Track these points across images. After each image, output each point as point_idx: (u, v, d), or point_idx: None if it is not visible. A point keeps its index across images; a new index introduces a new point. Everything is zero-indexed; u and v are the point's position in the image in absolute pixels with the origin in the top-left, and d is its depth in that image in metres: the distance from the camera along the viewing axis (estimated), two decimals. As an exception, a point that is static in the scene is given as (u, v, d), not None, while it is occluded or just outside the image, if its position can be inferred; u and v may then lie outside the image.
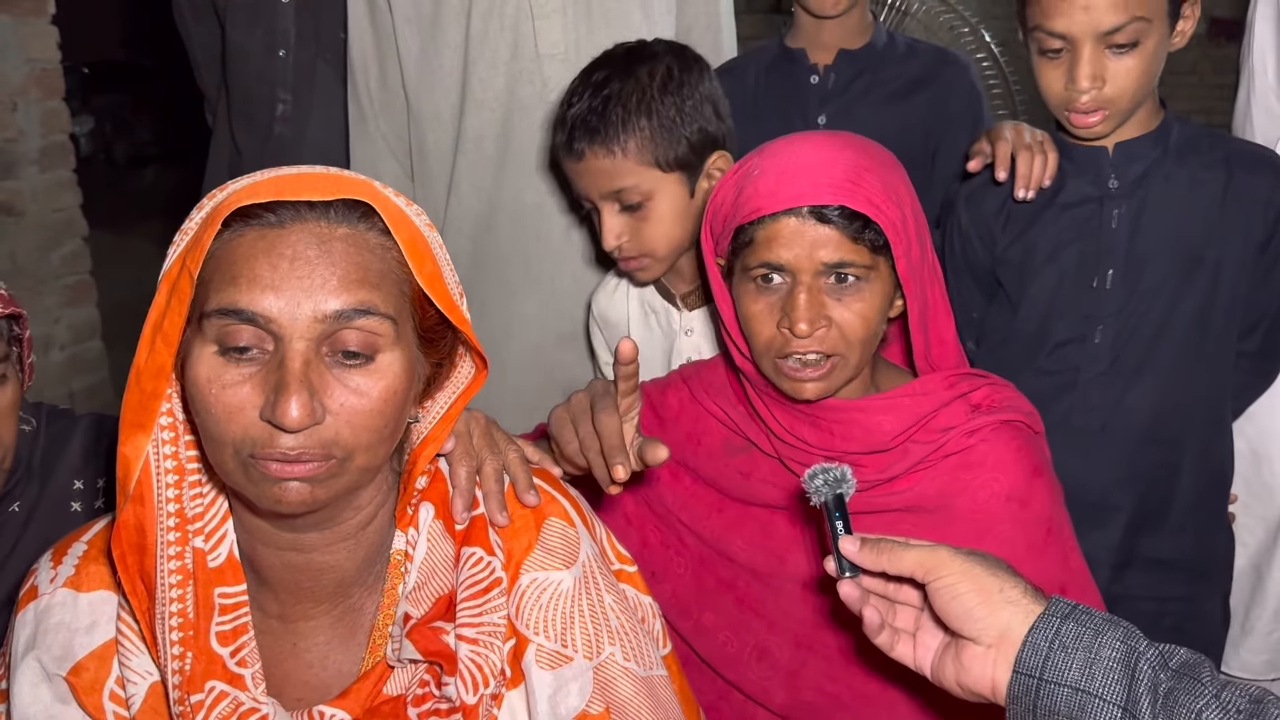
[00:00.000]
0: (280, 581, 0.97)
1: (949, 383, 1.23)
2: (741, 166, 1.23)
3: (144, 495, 0.92)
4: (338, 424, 0.86)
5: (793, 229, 1.16)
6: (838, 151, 1.18)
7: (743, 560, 1.29)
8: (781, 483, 1.26)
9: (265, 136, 2.27)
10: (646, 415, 1.38)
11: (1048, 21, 1.46)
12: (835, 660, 1.24)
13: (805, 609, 1.25)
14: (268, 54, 2.24)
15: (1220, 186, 1.53)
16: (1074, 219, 1.57)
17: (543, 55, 1.78)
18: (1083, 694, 0.83)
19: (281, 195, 0.86)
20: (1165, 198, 1.54)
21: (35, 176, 3.50)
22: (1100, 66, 1.46)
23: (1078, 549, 1.23)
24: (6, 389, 1.34)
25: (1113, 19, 1.43)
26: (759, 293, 1.20)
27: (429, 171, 1.89)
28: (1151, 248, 1.54)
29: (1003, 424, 1.21)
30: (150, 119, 9.56)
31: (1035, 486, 1.20)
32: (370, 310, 0.86)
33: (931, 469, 1.21)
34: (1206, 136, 1.60)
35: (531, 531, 1.01)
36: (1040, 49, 1.50)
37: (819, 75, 1.90)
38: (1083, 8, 1.43)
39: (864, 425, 1.21)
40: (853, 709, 1.23)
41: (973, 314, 1.71)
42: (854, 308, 1.18)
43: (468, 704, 0.92)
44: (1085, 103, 1.48)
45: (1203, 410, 1.59)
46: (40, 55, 3.47)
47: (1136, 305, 1.55)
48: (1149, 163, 1.55)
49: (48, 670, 0.97)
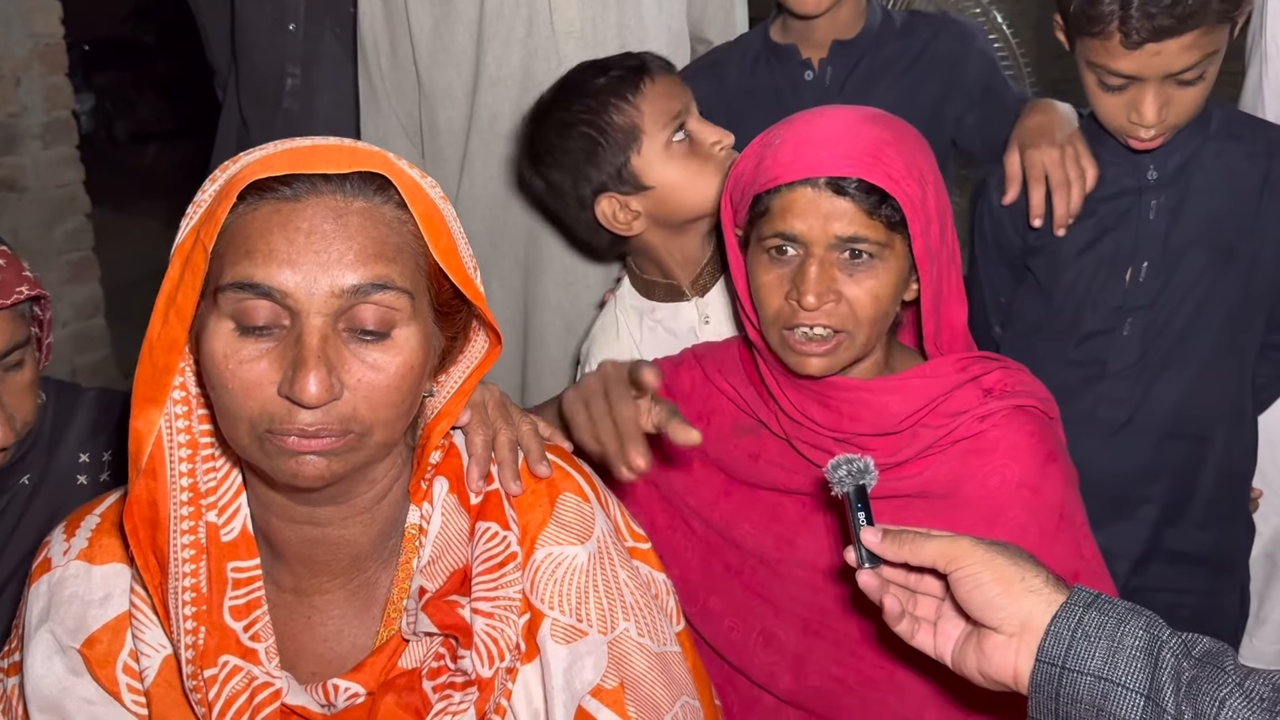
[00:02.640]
0: (295, 555, 0.97)
1: (961, 365, 1.22)
2: (766, 136, 1.22)
3: (156, 469, 0.92)
4: (355, 399, 0.85)
5: (808, 199, 1.15)
6: (862, 125, 1.17)
7: (750, 545, 1.28)
8: (790, 465, 1.26)
9: (274, 111, 2.25)
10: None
11: (1113, 63, 1.40)
12: (843, 645, 1.23)
13: (812, 594, 1.25)
14: (277, 28, 2.23)
15: (1260, 177, 1.49)
16: (1112, 210, 1.54)
17: (559, 32, 1.76)
18: (1106, 682, 0.83)
19: (296, 168, 0.85)
20: (1204, 189, 1.50)
21: (38, 152, 3.49)
22: (1166, 99, 1.41)
23: (1091, 536, 1.22)
24: (26, 369, 1.36)
25: (1184, 61, 1.38)
26: (771, 263, 1.19)
27: (441, 150, 1.88)
28: (1188, 239, 1.51)
29: (1016, 409, 1.20)
30: (151, 96, 9.53)
31: (1048, 473, 1.19)
32: (387, 285, 0.86)
33: (942, 454, 1.20)
34: (1247, 124, 1.56)
35: (546, 506, 1.01)
36: (1100, 81, 1.45)
37: (814, 71, 1.77)
38: (1153, 53, 1.37)
39: (872, 406, 1.20)
40: (859, 693, 1.23)
41: (1000, 298, 1.69)
42: (865, 285, 1.16)
43: (483, 677, 0.92)
44: (1149, 135, 1.44)
45: (1228, 405, 1.57)
46: (43, 30, 3.45)
47: (1169, 298, 1.52)
48: (1189, 153, 1.51)
49: (61, 643, 0.97)
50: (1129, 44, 1.37)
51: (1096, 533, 1.24)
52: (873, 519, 0.98)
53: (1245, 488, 1.66)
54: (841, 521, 1.22)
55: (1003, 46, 2.54)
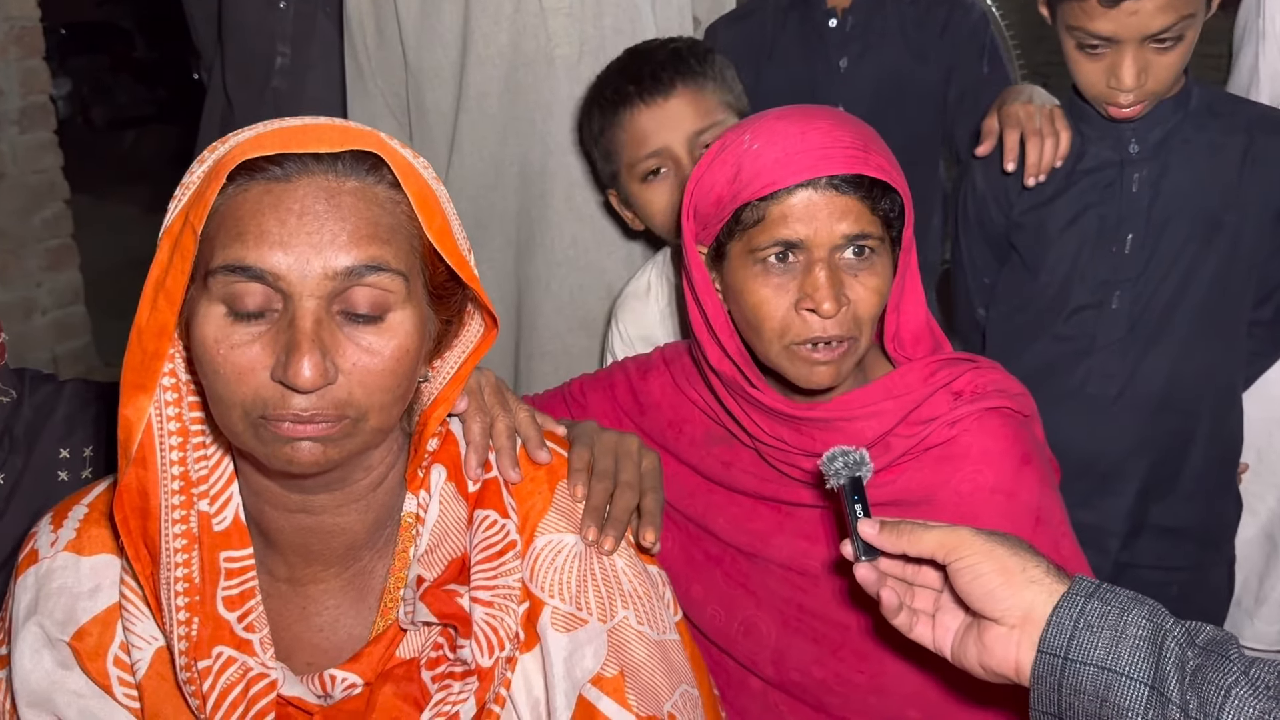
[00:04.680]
0: (289, 544, 0.95)
1: (928, 373, 1.18)
2: (726, 146, 1.16)
3: (146, 458, 0.90)
4: (350, 384, 0.84)
5: (810, 202, 1.10)
6: (836, 122, 1.13)
7: (727, 539, 1.27)
8: (763, 474, 1.24)
9: (261, 90, 2.22)
10: (626, 400, 1.35)
11: (1091, 25, 1.44)
12: (822, 644, 1.22)
13: (791, 591, 1.23)
14: (268, 6, 2.20)
15: (1240, 151, 1.52)
16: (1094, 184, 1.56)
17: (547, 9, 1.74)
18: (1109, 672, 0.82)
19: (288, 147, 0.84)
20: (1185, 162, 1.53)
21: (15, 137, 3.44)
22: (1144, 63, 1.45)
23: (1070, 534, 1.20)
24: None
25: (1161, 21, 1.41)
26: (769, 273, 1.13)
27: (429, 130, 1.86)
28: (1171, 212, 1.53)
29: (987, 412, 1.16)
30: (129, 81, 9.40)
31: (1023, 476, 1.16)
32: (381, 266, 0.84)
33: (914, 461, 1.17)
34: (1227, 101, 1.60)
35: (546, 493, 1.00)
36: (1079, 45, 1.48)
37: (838, 19, 1.92)
38: (1130, 12, 1.40)
39: (845, 431, 1.16)
40: (840, 693, 1.21)
41: (984, 279, 1.70)
42: (869, 283, 1.13)
43: (483, 667, 0.91)
44: (1129, 100, 1.47)
45: (1216, 378, 1.59)
46: (19, 12, 3.40)
47: (1155, 270, 1.54)
48: (1170, 127, 1.53)
49: (50, 635, 0.95)
50: (1106, 2, 1.41)
51: (1085, 510, 1.24)
52: (870, 511, 0.96)
53: (1233, 462, 1.68)
54: (837, 515, 1.20)
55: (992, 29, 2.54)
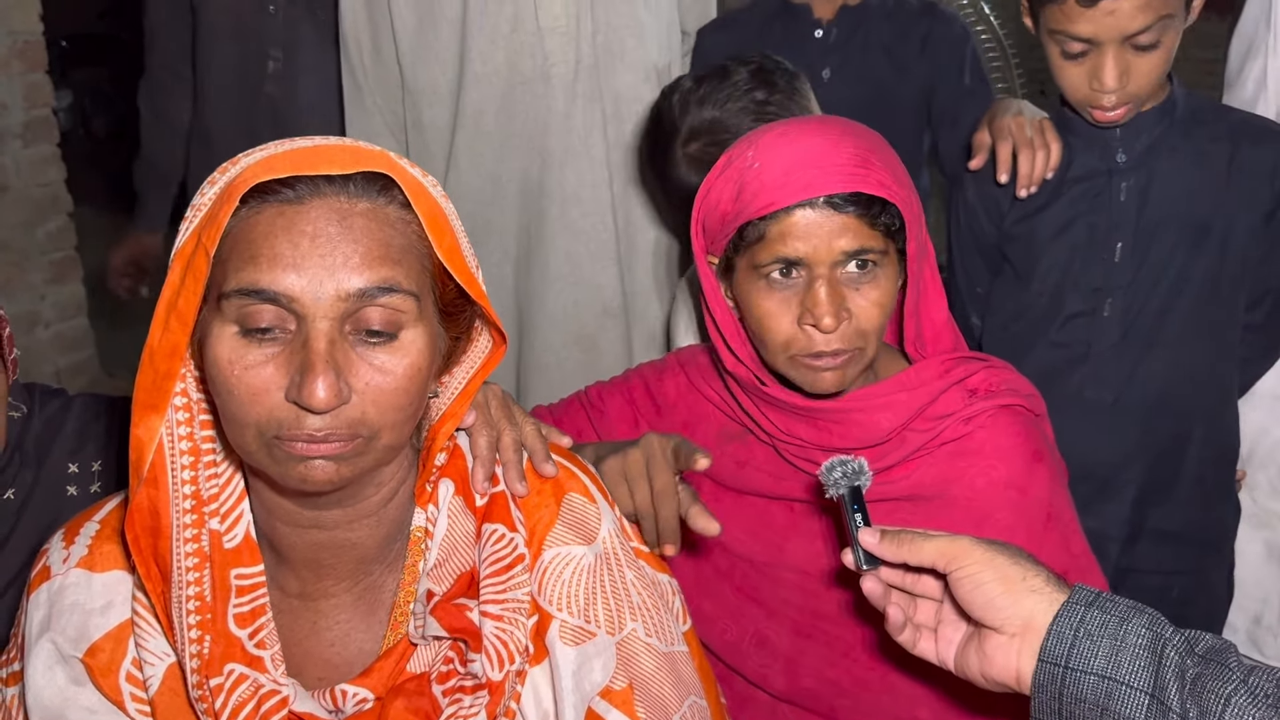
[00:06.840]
0: (300, 559, 0.96)
1: (943, 369, 1.21)
2: (730, 161, 1.18)
3: (158, 478, 0.90)
4: (364, 403, 0.85)
5: (808, 221, 1.12)
6: (838, 137, 1.14)
7: (740, 550, 1.28)
8: (777, 471, 1.25)
9: (255, 96, 2.21)
10: (644, 402, 1.36)
11: (1071, 26, 1.45)
12: (835, 647, 1.23)
13: (804, 597, 1.24)
14: (258, 9, 2.19)
15: (1226, 158, 1.53)
16: (1083, 193, 1.58)
17: (544, 29, 1.76)
18: (1109, 681, 0.82)
19: (299, 170, 0.84)
20: (1172, 170, 1.54)
21: (19, 151, 3.44)
22: (1125, 65, 1.45)
23: (1080, 532, 1.22)
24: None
25: (1140, 21, 1.42)
26: (772, 288, 1.16)
27: (426, 146, 1.87)
28: (1160, 219, 1.54)
29: (1000, 409, 1.19)
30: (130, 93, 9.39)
31: (1035, 472, 1.18)
32: (394, 287, 0.85)
33: (929, 456, 1.19)
34: (1212, 109, 1.61)
35: (553, 507, 1.00)
36: (1062, 50, 1.49)
37: (822, 30, 1.94)
38: (1107, 12, 1.41)
39: (861, 424, 1.19)
40: (853, 695, 1.22)
41: (977, 289, 1.71)
42: (871, 296, 1.15)
43: (494, 680, 0.92)
44: (1111, 102, 1.48)
45: (1211, 383, 1.60)
46: (22, 27, 3.40)
47: (1146, 277, 1.55)
48: (1156, 136, 1.55)
49: (63, 652, 0.96)
50: (1085, 2, 1.42)
51: (1085, 515, 1.25)
52: (870, 520, 0.97)
53: (1230, 465, 1.68)
54: (837, 524, 1.21)
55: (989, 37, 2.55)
